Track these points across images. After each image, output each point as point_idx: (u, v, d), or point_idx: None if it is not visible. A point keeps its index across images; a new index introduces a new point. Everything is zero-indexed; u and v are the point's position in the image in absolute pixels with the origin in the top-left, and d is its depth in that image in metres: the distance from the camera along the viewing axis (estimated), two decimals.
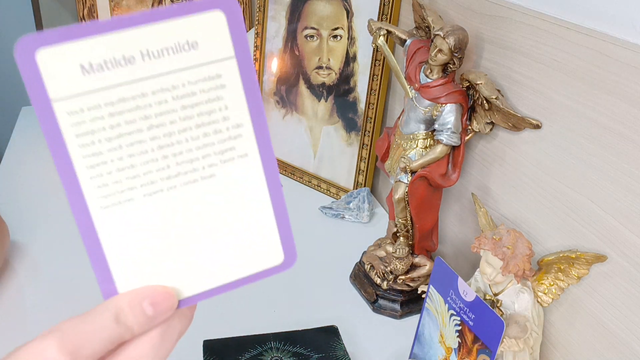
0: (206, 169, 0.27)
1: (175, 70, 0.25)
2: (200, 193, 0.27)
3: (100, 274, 0.27)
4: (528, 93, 0.63)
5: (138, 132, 0.25)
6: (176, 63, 0.25)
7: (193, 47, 0.26)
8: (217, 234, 0.28)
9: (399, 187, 0.74)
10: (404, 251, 0.76)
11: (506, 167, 0.69)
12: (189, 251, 0.28)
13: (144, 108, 0.25)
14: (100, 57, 0.24)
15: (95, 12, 1.29)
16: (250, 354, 0.65)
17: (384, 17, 0.92)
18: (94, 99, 0.25)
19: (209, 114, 0.27)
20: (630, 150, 0.51)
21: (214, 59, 0.26)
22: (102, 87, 0.25)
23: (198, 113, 0.26)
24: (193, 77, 0.26)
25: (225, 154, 0.27)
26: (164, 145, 0.26)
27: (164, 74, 0.25)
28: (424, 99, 0.70)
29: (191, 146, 0.27)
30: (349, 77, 1.00)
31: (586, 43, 0.55)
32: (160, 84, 0.25)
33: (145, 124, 0.25)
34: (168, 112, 0.26)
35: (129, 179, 0.26)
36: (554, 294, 0.58)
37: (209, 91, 0.26)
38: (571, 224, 0.59)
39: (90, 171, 0.25)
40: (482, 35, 0.71)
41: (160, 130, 0.26)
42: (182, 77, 0.26)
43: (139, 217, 0.27)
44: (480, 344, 0.55)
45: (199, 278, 0.28)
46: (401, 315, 0.76)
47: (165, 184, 0.27)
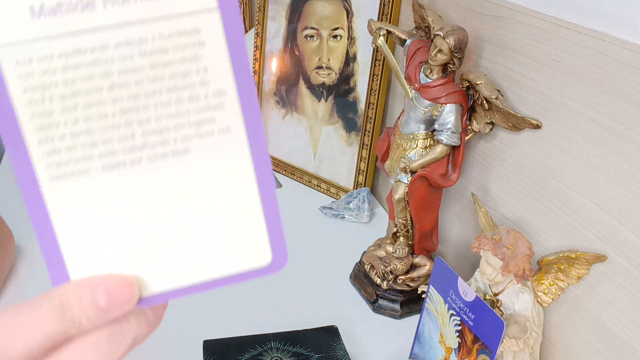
0: (178, 142, 0.23)
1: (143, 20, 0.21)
2: (171, 171, 0.23)
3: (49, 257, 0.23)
4: (528, 93, 0.63)
5: (97, 91, 0.21)
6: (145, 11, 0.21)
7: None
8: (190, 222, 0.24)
9: (399, 187, 0.74)
10: (404, 251, 0.76)
11: (506, 167, 0.69)
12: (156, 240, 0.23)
13: (104, 63, 0.21)
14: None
15: None
16: (250, 354, 0.65)
17: (384, 17, 0.92)
18: (45, 47, 0.21)
19: (184, 76, 0.22)
20: (630, 150, 0.51)
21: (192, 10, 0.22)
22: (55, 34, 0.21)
23: (170, 74, 0.22)
24: (165, 29, 0.22)
25: (202, 126, 0.23)
26: (128, 110, 0.22)
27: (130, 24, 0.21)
28: (424, 99, 0.70)
29: (161, 113, 0.22)
30: (349, 77, 1.00)
31: (586, 43, 0.55)
32: (125, 35, 0.21)
33: (106, 82, 0.21)
34: (134, 70, 0.22)
35: (84, 146, 0.22)
36: (554, 294, 0.58)
37: (184, 48, 0.22)
38: (571, 224, 0.59)
39: (39, 134, 0.21)
40: (482, 35, 0.71)
41: (124, 91, 0.22)
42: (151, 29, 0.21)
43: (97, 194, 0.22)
44: (480, 344, 0.55)
45: (167, 274, 0.24)
46: (401, 315, 0.76)
47: (129, 157, 0.22)
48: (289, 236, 0.26)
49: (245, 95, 0.23)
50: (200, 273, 0.24)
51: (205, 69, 0.22)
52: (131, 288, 0.23)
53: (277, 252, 0.25)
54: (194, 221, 0.24)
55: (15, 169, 0.22)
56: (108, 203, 0.23)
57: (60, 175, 0.22)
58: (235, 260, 0.25)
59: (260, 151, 0.24)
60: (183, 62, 0.22)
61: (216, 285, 0.25)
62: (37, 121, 0.21)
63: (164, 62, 0.22)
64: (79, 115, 0.22)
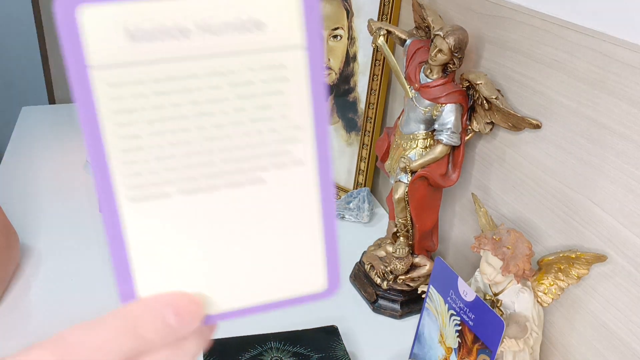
0: (255, 171, 0.24)
1: (234, 52, 0.22)
2: (245, 198, 0.24)
3: (119, 273, 0.24)
4: (528, 93, 0.63)
5: (184, 118, 0.22)
6: (236, 44, 0.22)
7: (258, 27, 0.22)
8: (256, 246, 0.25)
9: (399, 187, 0.74)
10: (404, 251, 0.76)
11: (506, 167, 0.69)
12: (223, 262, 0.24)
13: (193, 91, 0.22)
14: (150, 24, 0.21)
15: None
16: (250, 354, 0.65)
17: (384, 17, 0.92)
18: (138, 72, 0.21)
19: (267, 108, 0.23)
20: (630, 150, 0.51)
21: (280, 46, 0.22)
22: (149, 60, 0.21)
23: (254, 106, 0.23)
24: (254, 63, 0.22)
25: (278, 157, 0.24)
26: (211, 138, 0.22)
27: (221, 55, 0.22)
28: (424, 99, 0.70)
29: (242, 143, 0.23)
30: (349, 77, 1.00)
31: (586, 43, 0.55)
32: (216, 65, 0.22)
33: (193, 110, 0.22)
34: (220, 100, 0.22)
35: (166, 170, 0.22)
36: (554, 294, 0.58)
37: (269, 82, 0.23)
38: (571, 224, 0.59)
39: (124, 155, 0.22)
40: (482, 35, 0.71)
41: (209, 119, 0.22)
42: (241, 62, 0.22)
43: (172, 216, 0.23)
44: (480, 344, 0.55)
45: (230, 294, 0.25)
46: (401, 315, 0.76)
47: (207, 183, 0.23)
48: None
49: (320, 131, 0.24)
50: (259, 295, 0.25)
51: (287, 103, 0.23)
52: (198, 307, 0.24)
53: (332, 279, 0.26)
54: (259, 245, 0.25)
55: (97, 187, 0.22)
56: (181, 225, 0.24)
57: (139, 197, 0.23)
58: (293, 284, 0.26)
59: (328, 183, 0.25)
60: (267, 95, 0.23)
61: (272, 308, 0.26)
62: (123, 143, 0.22)
63: (249, 94, 0.23)
64: (164, 140, 0.22)
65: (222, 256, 0.24)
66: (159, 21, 0.21)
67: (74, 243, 0.88)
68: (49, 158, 1.15)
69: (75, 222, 0.94)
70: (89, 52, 0.21)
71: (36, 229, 0.91)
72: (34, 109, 1.38)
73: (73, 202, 0.99)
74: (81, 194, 1.02)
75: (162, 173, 0.23)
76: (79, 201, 1.00)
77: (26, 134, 1.25)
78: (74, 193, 1.02)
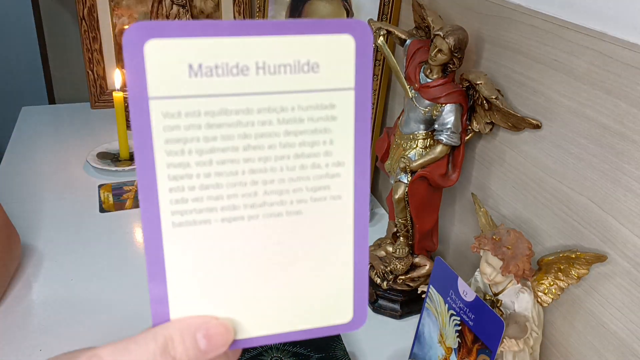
0: (294, 204, 0.25)
1: (288, 91, 0.23)
2: (282, 229, 0.25)
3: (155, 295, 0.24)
4: (528, 93, 0.63)
5: (233, 150, 0.23)
6: (291, 83, 0.23)
7: (313, 69, 0.23)
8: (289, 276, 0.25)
9: (399, 187, 0.74)
10: (404, 251, 0.76)
11: (506, 167, 0.69)
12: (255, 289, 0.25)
13: (245, 125, 0.23)
14: (212, 61, 0.22)
15: (95, 12, 1.29)
16: (250, 354, 0.65)
17: (384, 17, 0.92)
18: (194, 104, 0.22)
19: (312, 145, 0.24)
20: (630, 150, 0.51)
21: (331, 87, 0.24)
22: (206, 94, 0.22)
23: (300, 142, 0.24)
24: (305, 102, 0.24)
25: (318, 192, 0.25)
26: (257, 170, 0.24)
27: (275, 93, 0.23)
28: (423, 99, 0.70)
29: (284, 176, 0.24)
30: None
31: (586, 43, 0.55)
32: (269, 102, 0.23)
33: (242, 143, 0.23)
34: (269, 135, 0.23)
35: (211, 199, 0.23)
36: (554, 294, 0.58)
37: (317, 121, 0.24)
38: (571, 224, 0.59)
39: (172, 182, 0.23)
40: (482, 35, 0.71)
41: (257, 153, 0.23)
42: (293, 100, 0.23)
43: (212, 243, 0.24)
44: (480, 344, 0.55)
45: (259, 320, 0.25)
46: (401, 315, 0.76)
47: (248, 212, 0.24)
48: None
49: (360, 168, 0.25)
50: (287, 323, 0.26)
51: (332, 141, 0.24)
52: (228, 332, 0.24)
53: (358, 311, 0.27)
54: (291, 275, 0.26)
55: (142, 211, 0.23)
56: (219, 251, 0.24)
57: (182, 223, 0.24)
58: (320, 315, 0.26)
59: (363, 218, 0.26)
60: (314, 133, 0.24)
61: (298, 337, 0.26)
62: (172, 171, 0.23)
63: (297, 131, 0.24)
64: (212, 170, 0.23)
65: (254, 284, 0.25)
66: (221, 58, 0.22)
67: (74, 243, 0.88)
68: (49, 158, 1.15)
69: (76, 222, 0.94)
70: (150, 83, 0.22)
71: (36, 228, 0.91)
72: (34, 109, 1.38)
73: (73, 202, 0.99)
74: (81, 194, 1.02)
75: (206, 201, 0.24)
76: (79, 201, 1.00)
77: (26, 134, 1.25)
78: (74, 193, 1.02)
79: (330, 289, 0.26)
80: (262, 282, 0.25)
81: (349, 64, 0.24)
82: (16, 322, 0.72)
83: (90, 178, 1.08)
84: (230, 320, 0.25)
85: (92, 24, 1.30)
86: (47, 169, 1.10)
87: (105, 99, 1.36)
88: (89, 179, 1.07)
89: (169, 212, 0.23)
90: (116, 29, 1.34)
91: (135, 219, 0.96)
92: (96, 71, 1.34)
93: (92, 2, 1.28)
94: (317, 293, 0.26)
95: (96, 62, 1.33)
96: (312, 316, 0.26)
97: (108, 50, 1.34)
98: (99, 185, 1.05)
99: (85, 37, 1.30)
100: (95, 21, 1.30)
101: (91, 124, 1.31)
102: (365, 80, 0.24)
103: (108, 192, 1.03)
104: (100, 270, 0.82)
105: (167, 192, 0.23)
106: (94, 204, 0.99)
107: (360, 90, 0.24)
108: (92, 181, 1.06)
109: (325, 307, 0.26)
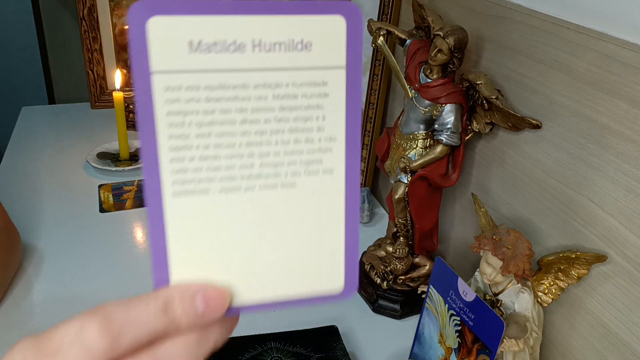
0: (289, 176, 0.26)
1: (282, 68, 0.25)
2: (277, 200, 0.26)
3: (156, 261, 0.26)
4: (528, 93, 0.63)
5: (230, 123, 0.25)
6: (285, 61, 0.25)
7: (306, 48, 0.25)
8: (283, 245, 0.27)
9: (399, 187, 0.74)
10: (404, 251, 0.76)
11: (506, 167, 0.69)
12: (251, 257, 0.26)
13: (242, 100, 0.25)
14: (211, 38, 0.24)
15: (95, 12, 1.30)
16: (250, 354, 0.65)
17: (384, 17, 0.92)
18: (194, 79, 0.24)
19: (305, 120, 0.26)
20: (630, 150, 0.51)
21: (324, 65, 0.25)
22: (205, 69, 0.24)
23: (295, 117, 0.25)
24: (299, 79, 0.25)
25: (311, 165, 0.26)
26: (253, 143, 0.25)
27: (271, 70, 0.25)
28: (423, 99, 0.70)
29: (279, 150, 0.25)
30: None
31: (586, 43, 0.55)
32: (265, 78, 0.25)
33: (239, 116, 0.25)
34: (265, 110, 0.25)
35: (209, 169, 0.25)
36: (554, 294, 0.58)
37: (310, 97, 0.25)
38: (571, 224, 0.59)
39: (173, 153, 0.24)
40: (482, 35, 0.71)
41: (253, 126, 0.25)
42: (287, 76, 0.25)
43: (210, 212, 0.25)
44: (480, 344, 0.55)
45: (253, 287, 0.27)
46: (401, 315, 0.76)
47: (245, 183, 0.25)
48: None
49: (351, 144, 0.26)
50: (280, 291, 0.27)
51: (324, 117, 0.26)
52: (225, 297, 0.25)
53: (349, 282, 0.28)
54: (286, 244, 0.27)
55: (145, 181, 0.25)
56: (217, 220, 0.26)
57: (182, 192, 0.25)
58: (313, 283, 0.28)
59: (354, 192, 0.27)
60: (307, 109, 0.25)
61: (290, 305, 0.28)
62: (173, 142, 0.24)
63: (291, 107, 0.25)
64: (211, 142, 0.25)
65: (250, 252, 0.26)
66: (220, 36, 0.24)
67: (74, 243, 0.88)
68: (49, 158, 1.15)
69: (76, 221, 0.94)
70: (153, 58, 0.23)
71: (36, 228, 0.91)
72: (34, 109, 1.38)
73: (73, 202, 1.00)
74: (81, 194, 1.02)
75: (205, 172, 0.25)
76: (79, 201, 1.00)
77: (26, 134, 1.25)
78: (74, 193, 1.02)
79: (323, 258, 0.27)
80: (258, 250, 0.26)
81: (340, 43, 0.25)
82: (16, 322, 0.72)
83: (90, 178, 1.08)
84: (227, 286, 0.26)
85: (92, 24, 1.30)
86: (47, 169, 1.10)
87: (105, 99, 1.36)
88: (89, 179, 1.07)
89: (170, 182, 0.25)
90: (116, 29, 1.34)
91: (135, 218, 0.96)
92: (96, 71, 1.34)
93: (92, 2, 1.28)
94: (310, 262, 0.27)
95: (96, 62, 1.33)
96: (305, 284, 0.28)
97: (108, 50, 1.34)
98: (99, 185, 1.05)
99: (85, 37, 1.30)
100: (95, 21, 1.30)
101: (91, 124, 1.31)
102: (356, 58, 0.25)
103: (108, 192, 1.03)
104: (100, 270, 0.82)
105: (168, 162, 0.24)
106: (94, 204, 0.99)
107: (351, 68, 0.25)
108: (92, 181, 1.07)
109: (318, 276, 0.28)
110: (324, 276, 0.28)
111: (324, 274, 0.28)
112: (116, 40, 1.34)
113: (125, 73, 1.30)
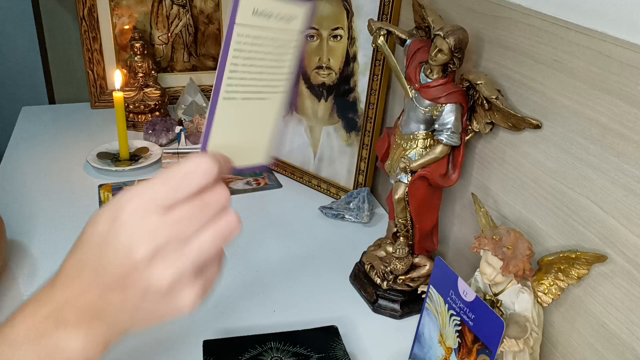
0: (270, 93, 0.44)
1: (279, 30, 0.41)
2: (260, 105, 0.43)
3: (205, 138, 0.41)
4: (528, 93, 0.63)
5: (258, 60, 0.41)
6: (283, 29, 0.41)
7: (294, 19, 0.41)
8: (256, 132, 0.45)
9: (399, 187, 0.74)
10: (404, 251, 0.76)
11: (506, 167, 0.69)
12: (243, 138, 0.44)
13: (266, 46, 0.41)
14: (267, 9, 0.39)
15: (95, 12, 1.30)
16: (250, 354, 0.65)
17: (384, 17, 0.92)
18: (249, 31, 0.39)
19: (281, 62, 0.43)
20: (630, 150, 0.51)
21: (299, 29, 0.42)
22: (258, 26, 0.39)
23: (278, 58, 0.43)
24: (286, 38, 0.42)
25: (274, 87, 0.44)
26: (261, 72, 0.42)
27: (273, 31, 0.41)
28: (424, 99, 0.70)
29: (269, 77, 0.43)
30: (349, 77, 1.00)
31: (586, 43, 0.55)
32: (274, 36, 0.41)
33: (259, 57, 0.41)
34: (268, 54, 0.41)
35: (238, 85, 0.41)
36: (554, 294, 0.58)
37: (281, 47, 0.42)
38: (571, 224, 0.59)
39: (229, 73, 0.39)
40: (482, 35, 0.71)
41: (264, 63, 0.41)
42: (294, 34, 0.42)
43: (235, 109, 0.41)
44: (480, 344, 0.55)
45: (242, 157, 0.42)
46: (401, 315, 0.76)
47: (255, 95, 0.42)
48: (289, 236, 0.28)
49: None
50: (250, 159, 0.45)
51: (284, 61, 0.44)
52: (228, 160, 0.40)
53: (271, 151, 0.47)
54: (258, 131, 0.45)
55: (214, 87, 0.40)
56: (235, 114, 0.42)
57: (228, 96, 0.40)
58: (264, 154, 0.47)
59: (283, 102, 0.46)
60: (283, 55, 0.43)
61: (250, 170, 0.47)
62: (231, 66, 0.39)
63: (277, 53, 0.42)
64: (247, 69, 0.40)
65: (243, 135, 0.44)
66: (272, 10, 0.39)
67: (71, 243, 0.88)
68: (49, 158, 1.15)
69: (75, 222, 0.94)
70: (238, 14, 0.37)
71: (36, 228, 0.91)
72: (34, 109, 1.38)
73: (73, 201, 1.00)
74: (81, 194, 1.02)
75: (241, 86, 0.41)
76: (79, 201, 1.00)
77: (26, 134, 1.25)
78: (74, 193, 1.02)
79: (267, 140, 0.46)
80: (247, 134, 0.44)
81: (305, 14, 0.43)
82: None
83: (90, 178, 1.08)
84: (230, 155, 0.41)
85: (92, 24, 1.30)
86: (47, 169, 1.10)
87: (105, 99, 1.36)
88: (89, 179, 1.07)
89: (224, 88, 0.40)
90: (116, 29, 1.34)
91: None
92: (96, 71, 1.34)
93: (92, 2, 1.28)
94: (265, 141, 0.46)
95: (96, 62, 1.33)
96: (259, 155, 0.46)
97: (108, 50, 1.34)
98: (99, 185, 1.05)
99: (85, 37, 1.30)
100: (95, 21, 1.30)
101: (91, 124, 1.31)
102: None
103: (108, 192, 1.03)
104: None
105: (226, 78, 0.39)
106: (94, 204, 0.99)
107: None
108: (92, 181, 1.06)
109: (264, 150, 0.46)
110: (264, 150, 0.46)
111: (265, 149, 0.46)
112: (116, 40, 1.34)
113: (125, 73, 1.30)
